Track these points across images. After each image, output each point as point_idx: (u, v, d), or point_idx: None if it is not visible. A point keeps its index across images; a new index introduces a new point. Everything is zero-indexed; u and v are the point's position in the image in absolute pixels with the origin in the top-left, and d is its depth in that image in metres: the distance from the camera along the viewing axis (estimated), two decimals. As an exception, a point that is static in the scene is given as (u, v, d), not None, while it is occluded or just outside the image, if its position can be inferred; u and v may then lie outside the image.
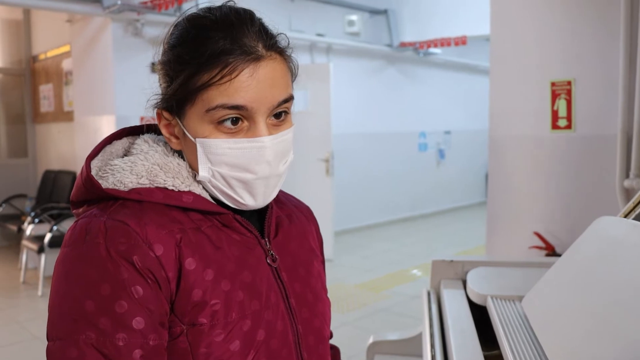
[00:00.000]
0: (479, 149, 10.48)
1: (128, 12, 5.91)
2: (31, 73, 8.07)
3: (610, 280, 1.11)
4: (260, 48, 0.90)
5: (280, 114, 0.94)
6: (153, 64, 6.14)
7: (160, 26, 6.22)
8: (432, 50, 9.06)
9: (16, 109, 8.14)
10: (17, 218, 7.06)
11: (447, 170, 10.66)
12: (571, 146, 3.16)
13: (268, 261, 0.99)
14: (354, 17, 8.22)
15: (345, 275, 6.26)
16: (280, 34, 0.95)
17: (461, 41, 7.99)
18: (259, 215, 1.04)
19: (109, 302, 0.82)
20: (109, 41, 6.11)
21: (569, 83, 3.11)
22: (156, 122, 0.99)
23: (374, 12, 8.72)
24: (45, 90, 7.76)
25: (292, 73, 0.97)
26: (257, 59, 0.89)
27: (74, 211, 0.97)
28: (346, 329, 4.56)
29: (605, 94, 3.01)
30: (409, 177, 9.83)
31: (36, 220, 6.22)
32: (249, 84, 0.88)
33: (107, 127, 6.24)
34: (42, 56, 7.79)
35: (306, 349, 1.01)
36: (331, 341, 1.31)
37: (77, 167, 6.86)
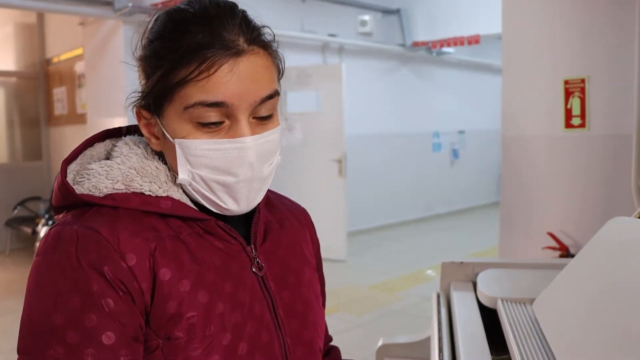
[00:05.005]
0: (494, 148, 10.37)
1: (139, 14, 5.92)
2: (45, 76, 8.12)
3: (624, 283, 1.08)
4: (241, 42, 0.85)
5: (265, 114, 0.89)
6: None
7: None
8: (445, 49, 9.01)
9: (31, 112, 8.19)
10: (32, 220, 7.11)
11: (461, 171, 10.59)
12: (585, 145, 3.11)
13: (253, 270, 0.93)
14: (366, 17, 8.18)
15: (359, 277, 6.23)
16: (265, 27, 0.90)
17: (474, 40, 7.94)
18: (245, 221, 0.98)
19: (78, 315, 0.78)
20: (120, 43, 6.14)
21: (583, 81, 3.06)
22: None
23: (387, 12, 8.68)
24: (59, 93, 7.81)
25: (278, 69, 0.92)
26: (238, 53, 0.84)
27: (55, 217, 0.93)
28: (360, 331, 4.53)
29: (620, 92, 2.96)
30: (423, 177, 9.78)
31: (50, 222, 6.26)
32: (229, 79, 0.83)
33: (120, 129, 6.27)
34: (55, 59, 7.84)
35: None
36: (336, 342, 1.27)
37: (91, 169, 6.90)
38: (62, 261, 0.80)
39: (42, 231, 6.20)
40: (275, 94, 0.89)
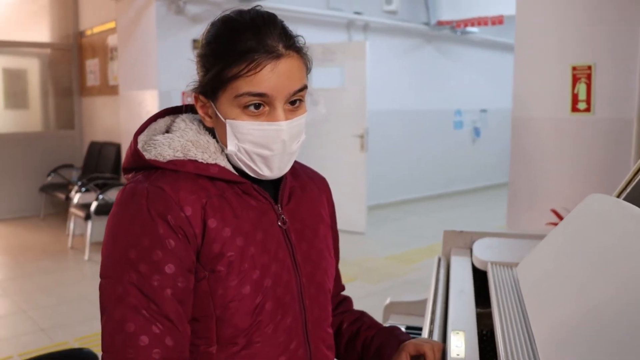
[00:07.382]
0: (515, 127, 10.43)
1: (172, -9, 6.11)
2: (78, 48, 8.38)
3: (594, 253, 1.22)
4: (280, 47, 1.08)
5: (295, 102, 1.13)
6: (195, 40, 6.35)
7: (201, 5, 6.42)
8: (469, 29, 9.08)
9: (64, 83, 8.47)
10: (65, 187, 7.40)
11: (483, 148, 10.70)
12: (589, 128, 3.28)
13: (279, 224, 1.19)
14: (391, -4, 8.29)
15: (376, 248, 6.45)
16: (298, 36, 1.15)
17: (498, 21, 8.01)
18: (274, 185, 1.23)
19: (148, 251, 1.04)
20: (152, 19, 6.34)
21: (589, 68, 3.22)
22: (193, 103, 1.20)
23: (412, -10, 8.77)
24: (92, 65, 8.06)
25: (307, 68, 1.16)
26: (278, 56, 1.08)
27: (125, 176, 1.19)
28: (374, 298, 4.75)
29: (624, 79, 3.12)
30: (444, 154, 9.92)
31: (83, 189, 6.54)
32: (270, 76, 1.07)
33: (150, 101, 6.51)
34: (88, 32, 8.07)
35: (308, 297, 1.21)
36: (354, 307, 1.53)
37: (122, 139, 7.16)
38: (136, 211, 1.06)
39: (76, 197, 6.47)
40: (304, 88, 1.14)
